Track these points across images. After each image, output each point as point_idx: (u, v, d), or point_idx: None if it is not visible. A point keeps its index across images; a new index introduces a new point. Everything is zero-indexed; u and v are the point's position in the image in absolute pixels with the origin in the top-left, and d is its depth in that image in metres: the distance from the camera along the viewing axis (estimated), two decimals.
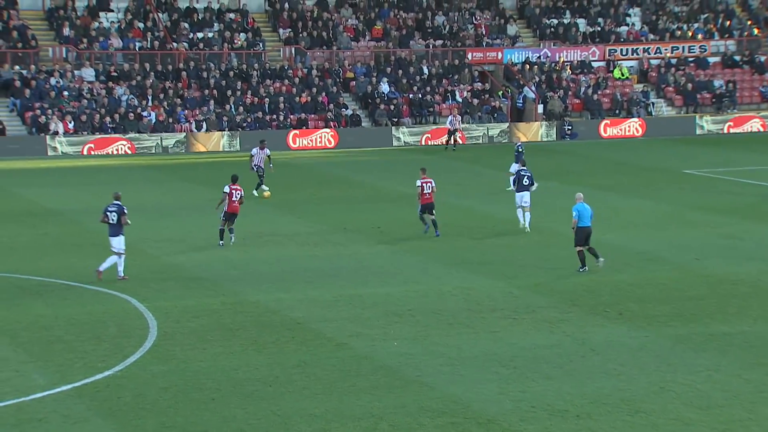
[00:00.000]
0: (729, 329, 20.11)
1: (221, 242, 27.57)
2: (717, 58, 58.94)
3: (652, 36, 59.54)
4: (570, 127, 52.54)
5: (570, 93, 55.26)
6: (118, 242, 23.90)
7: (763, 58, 58.94)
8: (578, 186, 32.18)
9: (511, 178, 32.04)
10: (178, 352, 18.85)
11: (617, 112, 54.80)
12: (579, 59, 57.40)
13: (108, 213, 24.04)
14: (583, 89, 55.48)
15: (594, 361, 18.30)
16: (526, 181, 29.42)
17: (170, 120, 49.49)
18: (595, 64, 57.53)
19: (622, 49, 58.12)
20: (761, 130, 53.89)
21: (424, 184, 28.45)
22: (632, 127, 53.57)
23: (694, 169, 41.44)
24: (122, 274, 23.94)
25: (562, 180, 38.15)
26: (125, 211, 24.02)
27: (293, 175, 40.17)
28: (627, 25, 59.96)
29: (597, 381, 17.30)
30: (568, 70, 56.50)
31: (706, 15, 61.05)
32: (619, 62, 57.54)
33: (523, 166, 30.76)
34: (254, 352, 18.87)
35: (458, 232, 29.32)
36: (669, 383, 17.17)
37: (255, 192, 34.90)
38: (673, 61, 57.99)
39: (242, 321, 20.87)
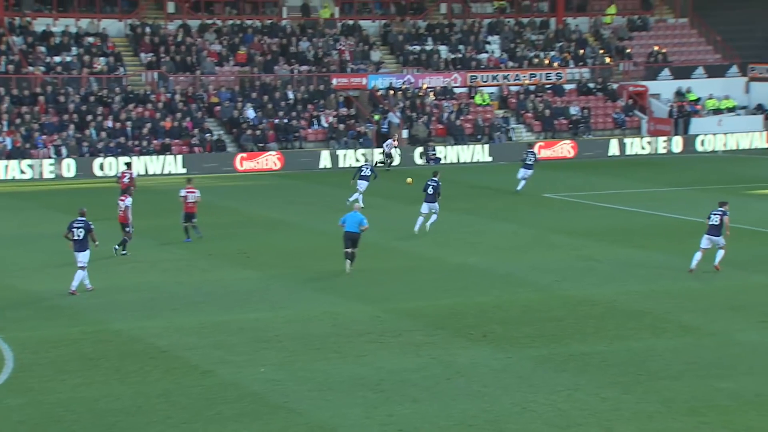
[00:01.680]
0: (587, 349, 20.68)
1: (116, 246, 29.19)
2: (572, 86, 60.83)
3: (511, 63, 61.05)
4: (434, 152, 53.22)
5: (433, 118, 56.11)
6: (84, 257, 24.43)
7: (615, 86, 61.12)
8: (442, 210, 32.72)
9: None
10: (35, 384, 18.27)
11: (479, 137, 55.88)
12: (441, 85, 58.39)
13: (73, 229, 24.47)
14: (446, 115, 56.40)
15: (459, 383, 18.55)
16: (430, 190, 32.32)
17: (27, 146, 48.09)
18: (457, 90, 58.60)
19: (482, 76, 59.38)
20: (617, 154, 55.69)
21: (188, 194, 30.99)
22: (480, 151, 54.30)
23: (553, 193, 42.55)
24: (90, 286, 24.68)
25: None
26: (92, 226, 24.60)
27: (155, 201, 39.51)
28: (487, 52, 61.31)
29: (462, 403, 17.54)
30: (432, 96, 57.40)
31: (561, 43, 62.98)
32: (480, 89, 58.75)
33: (434, 176, 33.10)
34: (116, 382, 18.45)
35: (323, 257, 29.34)
36: (531, 403, 17.53)
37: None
38: (532, 87, 59.57)
39: (104, 350, 20.37)
